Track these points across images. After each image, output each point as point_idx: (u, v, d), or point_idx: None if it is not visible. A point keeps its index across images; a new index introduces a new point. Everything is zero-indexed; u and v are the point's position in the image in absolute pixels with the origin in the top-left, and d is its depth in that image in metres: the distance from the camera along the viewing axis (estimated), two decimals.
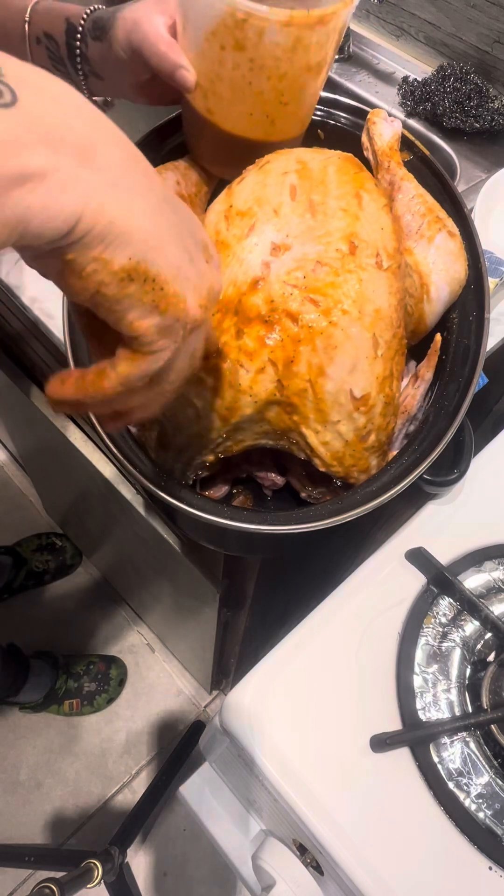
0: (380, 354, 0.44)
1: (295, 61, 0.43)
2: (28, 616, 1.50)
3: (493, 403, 0.94)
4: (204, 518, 0.44)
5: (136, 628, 1.51)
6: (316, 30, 0.41)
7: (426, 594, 0.56)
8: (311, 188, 0.45)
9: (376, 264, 0.44)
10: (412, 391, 0.50)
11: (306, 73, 0.44)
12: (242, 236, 0.44)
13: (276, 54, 0.42)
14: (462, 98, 0.97)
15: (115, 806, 1.32)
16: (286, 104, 0.46)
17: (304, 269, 0.43)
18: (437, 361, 0.51)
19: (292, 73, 0.43)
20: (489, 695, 0.51)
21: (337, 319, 0.42)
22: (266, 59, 0.42)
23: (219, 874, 1.26)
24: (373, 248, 0.44)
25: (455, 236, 0.51)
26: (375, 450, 0.47)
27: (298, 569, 0.87)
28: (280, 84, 0.44)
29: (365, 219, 0.45)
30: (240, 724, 0.50)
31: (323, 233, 0.44)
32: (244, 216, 0.45)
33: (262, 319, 0.42)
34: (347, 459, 0.46)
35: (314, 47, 0.42)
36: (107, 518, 1.06)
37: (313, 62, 0.44)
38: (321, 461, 0.46)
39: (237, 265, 0.43)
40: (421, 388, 0.50)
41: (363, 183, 0.47)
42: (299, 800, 0.47)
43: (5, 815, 1.30)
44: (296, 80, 0.44)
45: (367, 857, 0.45)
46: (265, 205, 0.45)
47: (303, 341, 0.42)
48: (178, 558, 0.80)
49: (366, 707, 0.51)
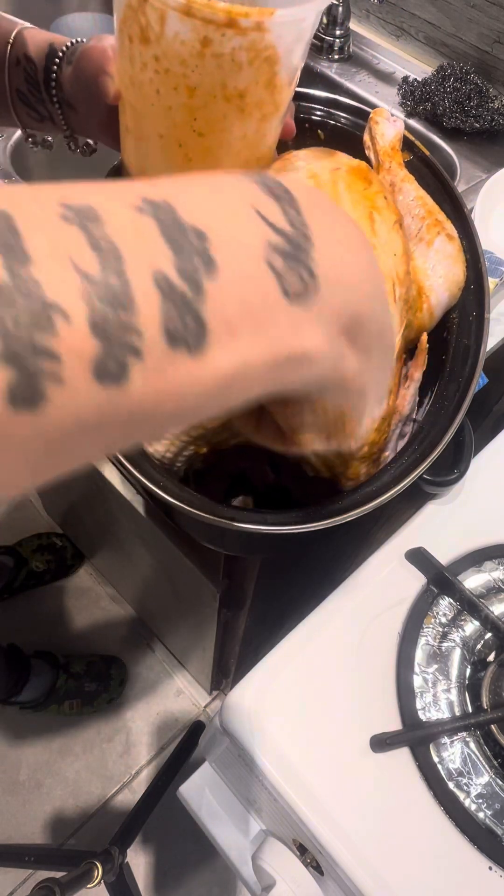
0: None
1: (206, 73, 0.36)
2: (28, 616, 1.50)
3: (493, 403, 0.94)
4: (204, 518, 0.44)
5: (136, 628, 1.51)
6: (227, 35, 0.34)
7: (426, 594, 0.56)
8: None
9: (392, 296, 0.44)
10: (402, 391, 0.50)
11: (223, 97, 0.37)
12: None
13: (183, 56, 0.35)
14: (462, 98, 0.97)
15: (115, 806, 1.32)
16: (201, 135, 0.39)
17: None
18: (438, 361, 0.51)
19: (204, 89, 0.36)
20: (489, 695, 0.51)
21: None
22: (172, 60, 0.35)
23: (219, 874, 1.26)
24: (389, 279, 0.44)
25: (454, 239, 0.51)
26: (366, 460, 0.47)
27: (298, 569, 0.87)
28: (191, 101, 0.37)
29: (379, 245, 0.44)
30: (240, 724, 0.50)
31: None
32: None
33: None
34: (338, 467, 0.46)
35: (229, 62, 0.35)
36: (107, 518, 1.06)
37: (230, 85, 0.36)
38: (311, 467, 0.46)
39: None
40: (411, 388, 0.49)
41: (374, 201, 0.46)
42: (299, 800, 0.47)
43: (5, 815, 1.30)
44: (209, 101, 0.37)
45: (367, 857, 0.45)
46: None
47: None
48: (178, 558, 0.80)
49: (366, 707, 0.51)
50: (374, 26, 1.14)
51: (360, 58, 1.12)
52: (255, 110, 0.39)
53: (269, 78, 0.37)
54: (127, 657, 1.47)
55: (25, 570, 1.49)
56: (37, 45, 0.47)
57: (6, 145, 0.92)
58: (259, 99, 0.38)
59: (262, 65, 0.36)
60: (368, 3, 1.10)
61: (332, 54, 1.11)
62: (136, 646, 1.49)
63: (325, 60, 1.11)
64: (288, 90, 0.41)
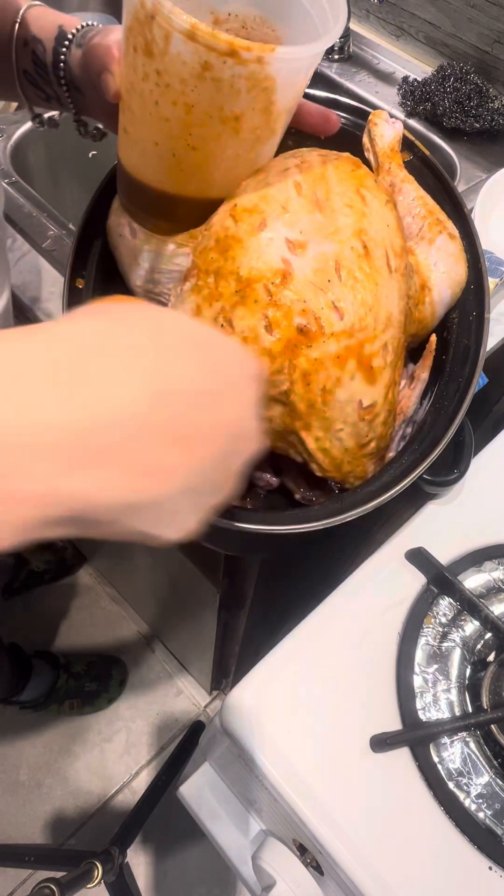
0: (388, 362, 0.44)
1: (203, 94, 0.36)
2: (28, 616, 1.50)
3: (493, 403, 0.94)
4: None
5: (136, 628, 1.51)
6: (228, 63, 0.35)
7: (426, 594, 0.56)
8: (314, 183, 0.44)
9: (387, 266, 0.44)
10: (408, 392, 0.50)
11: (219, 118, 0.38)
12: (254, 231, 0.42)
13: (183, 75, 0.36)
14: (462, 98, 0.97)
15: (115, 806, 1.32)
16: (195, 149, 0.40)
17: (327, 271, 0.42)
18: (437, 361, 0.51)
19: (201, 108, 0.37)
20: (489, 695, 0.51)
21: (358, 328, 0.42)
22: (172, 77, 0.36)
23: (219, 874, 1.26)
24: (381, 247, 0.44)
25: (455, 238, 0.51)
26: (374, 456, 0.47)
27: (298, 569, 0.87)
28: (187, 118, 0.38)
29: (371, 215, 0.44)
30: (240, 724, 0.50)
31: (333, 230, 0.43)
32: (252, 213, 0.43)
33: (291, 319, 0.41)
34: (346, 466, 0.46)
35: (227, 88, 0.36)
36: None
37: (227, 109, 0.37)
38: (318, 466, 0.46)
39: (254, 257, 0.42)
40: (417, 389, 0.49)
41: (363, 180, 0.46)
42: (299, 800, 0.47)
43: (5, 815, 1.30)
44: (205, 121, 0.38)
45: (367, 857, 0.45)
46: (272, 201, 0.43)
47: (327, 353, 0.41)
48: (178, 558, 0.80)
49: (366, 707, 0.51)
50: (374, 26, 1.14)
51: (360, 58, 1.12)
52: (249, 133, 0.40)
53: (265, 105, 0.38)
54: (127, 657, 1.47)
55: (25, 570, 1.49)
56: (45, 26, 0.47)
57: (6, 145, 0.92)
58: (254, 124, 0.39)
59: (259, 93, 0.37)
60: (368, 3, 1.10)
61: (332, 54, 1.11)
62: (136, 646, 1.49)
63: (325, 60, 1.11)
64: (285, 117, 0.41)
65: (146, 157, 0.42)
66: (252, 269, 0.42)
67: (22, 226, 0.80)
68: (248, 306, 0.41)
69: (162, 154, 0.41)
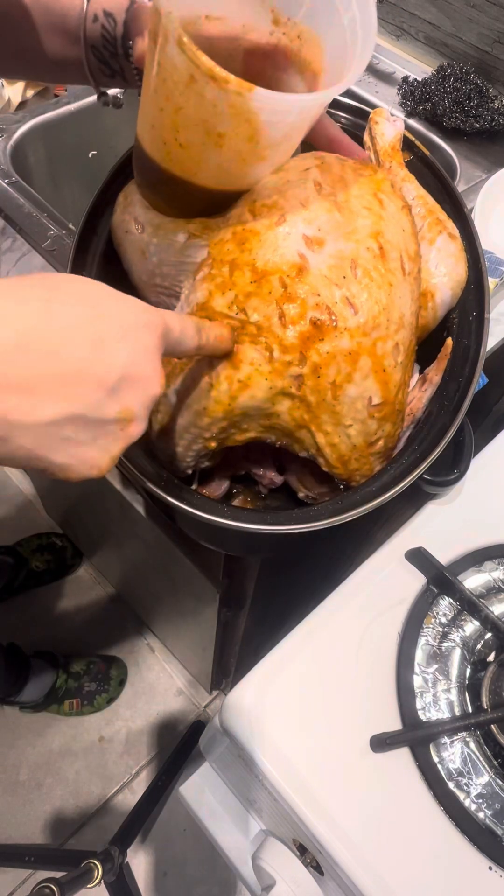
0: (399, 362, 0.44)
1: (190, 102, 0.37)
2: (28, 616, 1.50)
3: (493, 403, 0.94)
4: (204, 518, 0.44)
5: (136, 628, 1.51)
6: (211, 85, 0.35)
7: (426, 594, 0.56)
8: (333, 184, 0.45)
9: (401, 268, 0.44)
10: (419, 394, 0.50)
11: (203, 131, 0.38)
12: (272, 225, 0.43)
13: (175, 77, 0.36)
14: (462, 98, 0.97)
15: (115, 806, 1.32)
16: (182, 147, 0.40)
17: (342, 268, 0.42)
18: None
19: (187, 113, 0.38)
20: (489, 695, 0.51)
21: (372, 326, 0.42)
22: (167, 73, 0.37)
23: (219, 874, 1.26)
24: (397, 249, 0.44)
25: (455, 238, 0.51)
26: (381, 455, 0.47)
27: (298, 569, 0.87)
28: (175, 117, 0.39)
29: (387, 219, 0.45)
30: (240, 724, 0.50)
31: (350, 230, 0.43)
32: (271, 208, 0.43)
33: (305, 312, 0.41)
34: (353, 463, 0.46)
35: (210, 107, 0.36)
36: (107, 518, 1.06)
37: (210, 124, 0.38)
38: (325, 461, 0.46)
39: (270, 250, 0.42)
40: (428, 392, 0.49)
41: (380, 185, 0.46)
42: (299, 800, 0.47)
43: (5, 815, 1.30)
44: (191, 126, 0.38)
45: (367, 857, 0.45)
46: (292, 198, 0.43)
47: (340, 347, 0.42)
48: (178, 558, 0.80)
49: (366, 707, 0.51)
50: None
51: None
52: (233, 153, 0.40)
53: (249, 135, 0.38)
54: (127, 657, 1.47)
55: (25, 570, 1.49)
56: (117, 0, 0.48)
57: (6, 145, 0.92)
58: (238, 148, 0.39)
59: (242, 122, 0.37)
60: None
61: None
62: (136, 646, 1.49)
63: None
64: (277, 149, 0.41)
65: (146, 130, 0.43)
66: (268, 261, 0.42)
67: (22, 226, 0.80)
68: (262, 297, 0.41)
69: (156, 137, 0.42)
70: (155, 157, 0.43)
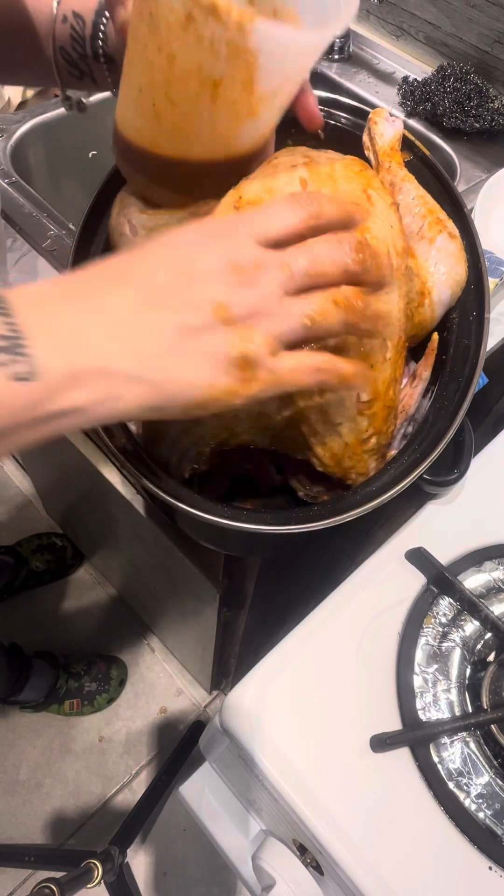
0: (388, 358, 0.44)
1: (186, 48, 0.36)
2: (28, 616, 1.50)
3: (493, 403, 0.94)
4: (204, 518, 0.44)
5: (136, 628, 1.51)
6: (210, 21, 0.34)
7: (426, 594, 0.56)
8: (320, 181, 0.44)
9: (388, 264, 0.44)
10: (410, 391, 0.50)
11: (197, 78, 0.37)
12: None
13: (170, 21, 0.35)
14: (462, 98, 0.97)
15: (115, 806, 1.32)
16: (173, 104, 0.39)
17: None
18: (438, 361, 0.51)
19: (182, 62, 0.37)
20: (489, 695, 0.51)
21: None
22: (161, 21, 0.36)
23: (219, 874, 1.26)
24: (384, 246, 0.44)
25: (455, 238, 0.51)
26: (374, 452, 0.47)
27: (298, 569, 0.87)
28: (169, 68, 0.37)
29: (375, 215, 0.44)
30: (240, 724, 0.50)
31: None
32: (256, 204, 0.43)
33: None
34: (346, 461, 0.46)
35: (208, 48, 0.35)
36: (107, 518, 1.06)
37: (206, 70, 0.37)
38: (319, 461, 0.46)
39: None
40: (419, 388, 0.49)
41: (370, 181, 0.46)
42: (299, 800, 0.47)
43: (5, 815, 1.30)
44: (184, 77, 0.38)
45: (367, 857, 0.45)
46: (277, 194, 0.43)
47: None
48: (178, 558, 0.80)
49: (366, 707, 0.51)
50: (374, 26, 1.14)
51: (360, 58, 1.12)
52: (226, 105, 0.39)
53: (245, 80, 0.38)
54: (127, 657, 1.47)
55: (25, 570, 1.49)
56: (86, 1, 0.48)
57: (6, 145, 0.92)
58: (233, 96, 0.39)
59: (240, 65, 0.36)
60: (368, 3, 1.10)
61: (332, 54, 1.11)
62: (136, 646, 1.49)
63: (325, 60, 1.11)
64: (269, 102, 0.41)
65: (130, 103, 0.42)
66: None
67: (22, 226, 0.80)
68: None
69: (143, 101, 0.41)
70: (141, 132, 0.43)
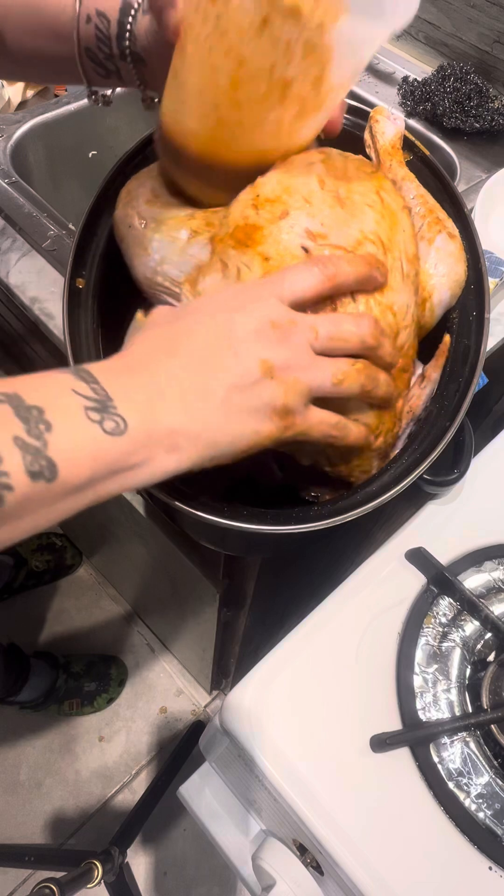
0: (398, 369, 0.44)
1: (258, 50, 0.36)
2: (28, 616, 1.50)
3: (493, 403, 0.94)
4: (204, 518, 0.44)
5: (136, 628, 1.51)
6: (288, 23, 0.34)
7: (426, 594, 0.56)
8: (337, 180, 0.44)
9: (400, 269, 0.44)
10: (418, 391, 0.50)
11: (268, 79, 0.37)
12: (275, 219, 0.42)
13: (242, 25, 0.35)
14: (462, 98, 0.97)
15: (115, 806, 1.32)
16: (237, 107, 0.39)
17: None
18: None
19: (253, 65, 0.37)
20: (489, 695, 0.51)
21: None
22: (230, 26, 0.35)
23: (219, 874, 1.26)
24: (397, 250, 0.44)
25: (455, 238, 0.51)
26: (381, 451, 0.47)
27: (298, 569, 0.87)
28: (237, 71, 0.37)
29: (389, 218, 0.45)
30: (240, 724, 0.50)
31: (353, 227, 0.43)
32: (274, 203, 0.43)
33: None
34: (355, 459, 0.46)
35: (283, 49, 0.35)
36: (107, 518, 1.06)
37: (278, 70, 0.37)
38: (327, 460, 0.46)
39: (273, 245, 0.42)
40: (427, 389, 0.49)
41: (382, 183, 0.46)
42: (299, 800, 0.47)
43: (5, 815, 1.30)
44: (255, 78, 0.37)
45: (367, 857, 0.45)
46: (295, 193, 0.43)
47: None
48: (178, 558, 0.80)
49: (366, 707, 0.51)
50: None
51: None
52: (294, 103, 0.39)
53: (317, 77, 0.38)
54: (127, 657, 1.47)
55: (25, 570, 1.49)
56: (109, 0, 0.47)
57: (6, 145, 0.92)
58: (302, 94, 0.38)
59: (314, 63, 0.37)
60: None
61: None
62: (136, 646, 1.49)
63: None
64: (334, 97, 0.41)
65: (188, 106, 0.41)
66: (271, 256, 0.42)
67: (22, 226, 0.80)
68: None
69: (204, 105, 0.40)
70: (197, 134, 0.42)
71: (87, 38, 0.48)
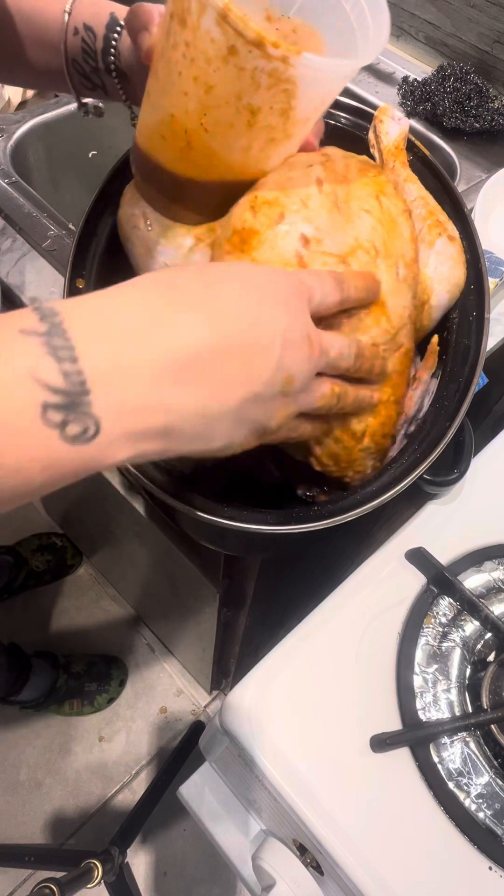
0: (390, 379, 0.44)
1: (225, 78, 0.36)
2: (28, 616, 1.50)
3: (493, 403, 0.94)
4: (204, 518, 0.44)
5: (136, 628, 1.51)
6: (253, 53, 0.34)
7: (426, 594, 0.56)
8: (335, 182, 0.44)
9: (396, 273, 0.44)
10: (410, 392, 0.50)
11: (235, 107, 0.37)
12: (272, 224, 0.42)
13: (209, 53, 0.35)
14: (462, 98, 0.97)
15: (115, 806, 1.32)
16: (207, 132, 0.39)
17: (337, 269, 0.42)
18: (437, 361, 0.51)
19: (220, 92, 0.37)
20: (489, 695, 0.51)
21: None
22: (198, 52, 0.36)
23: (219, 874, 1.26)
24: (394, 255, 0.44)
25: (455, 240, 0.51)
26: (372, 452, 0.47)
27: (298, 569, 0.87)
28: (205, 97, 0.37)
29: (387, 222, 0.44)
30: (240, 724, 0.50)
31: (348, 232, 0.43)
32: (272, 205, 0.43)
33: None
34: (344, 461, 0.46)
35: (248, 79, 0.35)
36: (107, 518, 1.06)
37: (245, 100, 0.37)
38: (317, 460, 0.46)
39: (269, 250, 0.42)
40: (419, 390, 0.49)
41: (383, 187, 0.46)
42: (299, 800, 0.47)
43: (5, 815, 1.30)
44: (221, 105, 0.37)
45: (367, 857, 0.45)
46: (293, 195, 0.43)
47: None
48: (178, 558, 0.80)
49: (366, 707, 0.51)
50: None
51: None
52: (263, 131, 0.40)
53: (284, 108, 0.38)
54: (127, 657, 1.47)
55: (25, 570, 1.49)
56: (97, 13, 0.47)
57: (6, 145, 0.92)
58: (270, 123, 0.39)
59: (279, 94, 0.37)
60: None
61: None
62: (136, 646, 1.49)
63: None
64: (303, 126, 0.41)
65: (159, 128, 0.42)
66: (266, 261, 0.42)
67: (22, 226, 0.80)
68: None
69: (175, 128, 0.40)
70: (168, 157, 0.42)
71: (74, 51, 0.48)
